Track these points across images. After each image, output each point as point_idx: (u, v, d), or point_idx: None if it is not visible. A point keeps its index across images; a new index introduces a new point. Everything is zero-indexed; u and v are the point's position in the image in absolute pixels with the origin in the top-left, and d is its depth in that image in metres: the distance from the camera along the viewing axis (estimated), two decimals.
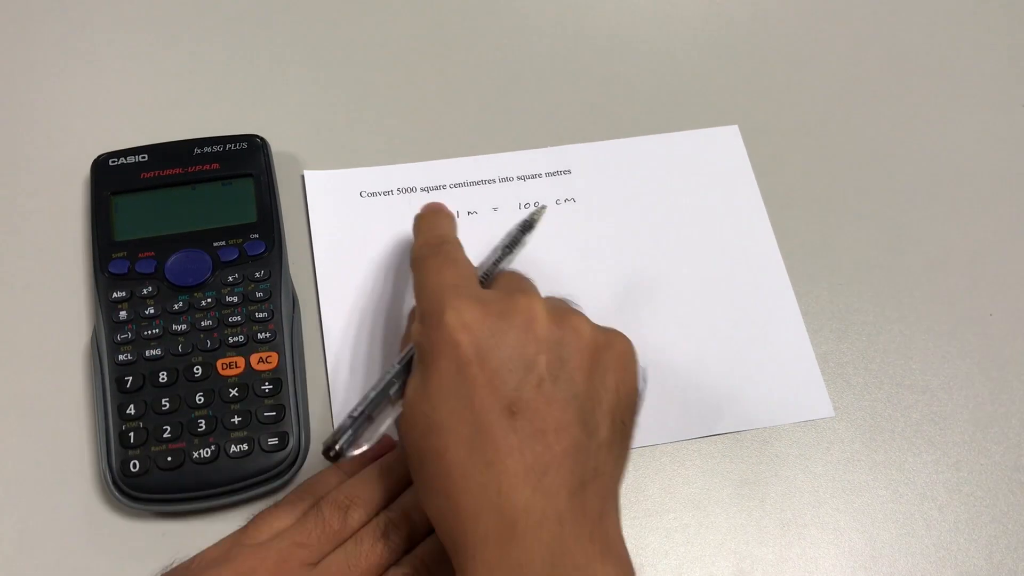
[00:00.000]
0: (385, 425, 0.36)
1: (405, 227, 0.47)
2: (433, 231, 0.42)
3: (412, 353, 0.36)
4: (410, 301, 0.45)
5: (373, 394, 0.36)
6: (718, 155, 0.51)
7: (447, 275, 0.37)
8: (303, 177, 0.49)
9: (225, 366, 0.41)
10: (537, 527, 0.31)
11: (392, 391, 0.36)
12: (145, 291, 0.43)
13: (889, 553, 0.42)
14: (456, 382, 0.33)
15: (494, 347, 0.33)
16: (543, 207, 0.45)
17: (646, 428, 0.43)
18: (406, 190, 0.49)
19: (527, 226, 0.44)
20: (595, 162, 0.50)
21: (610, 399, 0.35)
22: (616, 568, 0.32)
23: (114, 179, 0.46)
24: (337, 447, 0.35)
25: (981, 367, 0.46)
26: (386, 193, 0.49)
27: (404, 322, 0.45)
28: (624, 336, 0.37)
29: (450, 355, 0.33)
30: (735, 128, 0.52)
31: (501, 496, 0.31)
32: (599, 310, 0.40)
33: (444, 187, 0.49)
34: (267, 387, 0.41)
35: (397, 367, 0.37)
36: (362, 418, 0.35)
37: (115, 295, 0.43)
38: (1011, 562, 0.42)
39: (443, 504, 0.33)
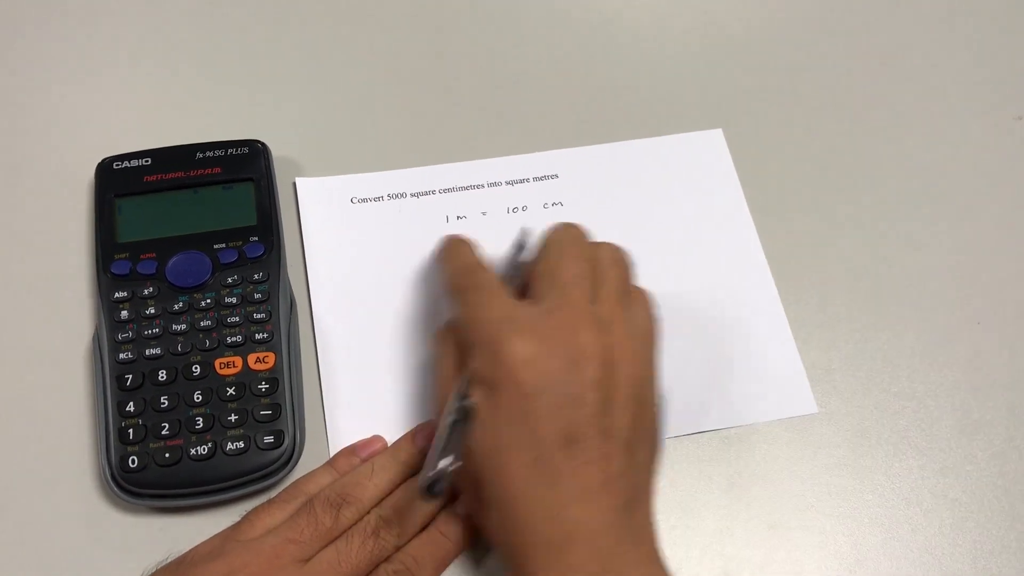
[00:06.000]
0: (458, 452, 0.36)
1: (395, 232, 0.48)
2: (461, 258, 0.43)
3: (467, 381, 0.38)
4: (404, 305, 0.46)
5: (446, 433, 0.36)
6: (702, 159, 0.52)
7: (494, 308, 0.39)
8: (295, 184, 0.50)
9: (223, 365, 0.42)
10: (592, 537, 0.35)
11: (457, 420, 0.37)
12: (146, 292, 0.44)
13: (874, 557, 0.42)
14: (520, 412, 0.36)
15: (553, 383, 0.36)
16: (528, 230, 0.44)
17: None
18: (396, 196, 0.50)
19: (520, 247, 0.44)
20: (582, 167, 0.51)
21: (648, 428, 0.38)
22: (661, 573, 0.36)
23: (118, 182, 0.47)
24: (436, 487, 0.35)
25: (967, 375, 0.47)
26: (376, 199, 0.49)
27: (397, 324, 0.46)
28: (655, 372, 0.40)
29: (513, 390, 0.36)
30: (719, 132, 0.53)
31: (558, 510, 0.35)
32: None
33: (434, 192, 0.50)
34: (264, 386, 0.42)
35: (456, 404, 0.37)
36: (447, 454, 0.36)
37: (117, 295, 0.43)
38: (995, 567, 0.42)
39: (501, 516, 0.36)
